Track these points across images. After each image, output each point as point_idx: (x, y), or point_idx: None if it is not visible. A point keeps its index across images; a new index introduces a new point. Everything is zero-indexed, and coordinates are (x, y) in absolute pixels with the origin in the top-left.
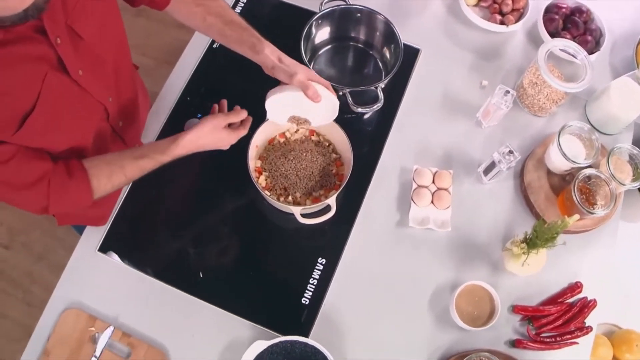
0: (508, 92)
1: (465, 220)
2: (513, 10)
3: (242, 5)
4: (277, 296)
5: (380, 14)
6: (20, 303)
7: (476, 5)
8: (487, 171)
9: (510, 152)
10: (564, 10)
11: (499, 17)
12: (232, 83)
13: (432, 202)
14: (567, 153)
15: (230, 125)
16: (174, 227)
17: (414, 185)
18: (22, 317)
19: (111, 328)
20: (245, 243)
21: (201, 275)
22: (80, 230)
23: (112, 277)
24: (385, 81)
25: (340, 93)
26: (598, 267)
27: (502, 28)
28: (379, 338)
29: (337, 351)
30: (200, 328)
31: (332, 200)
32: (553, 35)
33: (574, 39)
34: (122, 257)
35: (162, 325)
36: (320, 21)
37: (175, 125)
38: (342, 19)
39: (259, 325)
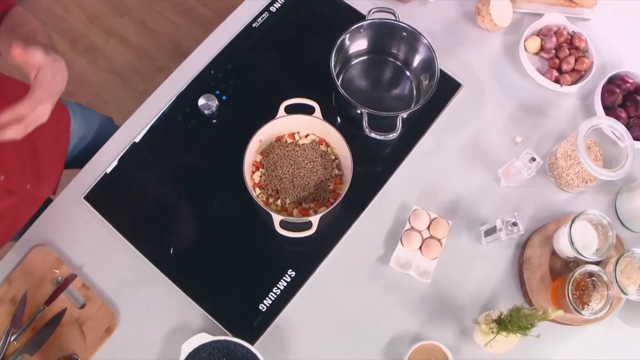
0: (534, 159)
1: (449, 276)
2: (573, 70)
3: None
4: (237, 294)
5: (425, 38)
6: None
7: (537, 53)
8: (487, 233)
9: (515, 224)
10: (628, 85)
11: (555, 73)
12: (259, 68)
13: (420, 248)
14: (576, 241)
15: None
16: (160, 197)
17: (407, 226)
18: None
19: (74, 275)
20: (222, 232)
21: (171, 252)
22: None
23: (89, 227)
24: (409, 111)
25: (358, 111)
26: None
27: (555, 86)
28: None
29: None
30: (156, 301)
31: (315, 218)
32: (608, 109)
33: (629, 119)
34: (103, 212)
35: (121, 288)
36: (361, 30)
37: (190, 97)
38: (385, 34)
39: (211, 317)
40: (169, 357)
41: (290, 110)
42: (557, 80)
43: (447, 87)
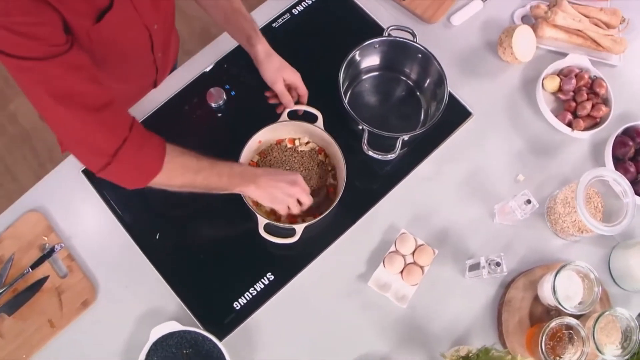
0: (529, 201)
1: (427, 304)
2: (588, 116)
3: None
4: (214, 289)
5: (439, 62)
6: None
7: (554, 93)
8: (471, 268)
9: (498, 264)
10: None
11: (569, 116)
12: None
13: (401, 272)
14: (559, 291)
15: None
16: None
17: (392, 248)
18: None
19: (61, 245)
20: (208, 226)
21: (157, 237)
22: None
23: (83, 201)
24: (411, 134)
25: (360, 127)
26: None
27: (566, 129)
28: None
29: None
30: (135, 282)
31: (299, 227)
32: (618, 160)
33: (637, 174)
34: (98, 188)
35: (104, 264)
36: (376, 46)
37: (198, 87)
38: (399, 53)
39: (185, 307)
40: (138, 338)
41: (294, 116)
42: (569, 124)
43: (457, 114)
